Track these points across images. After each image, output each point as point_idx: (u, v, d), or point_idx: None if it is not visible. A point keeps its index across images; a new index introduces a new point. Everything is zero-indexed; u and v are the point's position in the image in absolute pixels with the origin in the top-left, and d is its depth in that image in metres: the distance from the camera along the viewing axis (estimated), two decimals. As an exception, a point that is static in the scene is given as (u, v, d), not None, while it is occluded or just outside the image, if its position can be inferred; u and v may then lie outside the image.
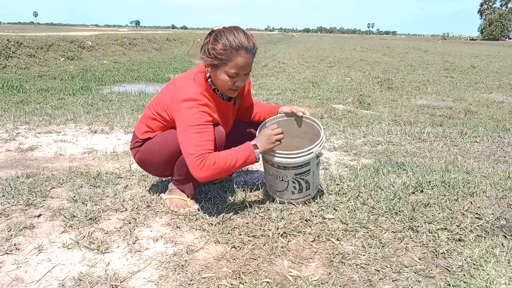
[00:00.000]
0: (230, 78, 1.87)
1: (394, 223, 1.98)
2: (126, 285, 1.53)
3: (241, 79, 1.90)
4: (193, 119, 1.82)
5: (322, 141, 2.05)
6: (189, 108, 1.82)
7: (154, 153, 2.05)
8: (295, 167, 2.02)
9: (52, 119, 4.18)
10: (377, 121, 4.64)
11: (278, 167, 2.04)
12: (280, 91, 6.87)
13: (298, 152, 1.99)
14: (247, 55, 1.84)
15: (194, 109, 1.82)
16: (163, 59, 13.21)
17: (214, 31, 1.88)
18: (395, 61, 13.80)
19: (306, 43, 23.58)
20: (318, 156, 2.06)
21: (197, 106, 1.83)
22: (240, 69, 1.85)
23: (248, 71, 1.90)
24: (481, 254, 1.71)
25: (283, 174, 2.05)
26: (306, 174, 2.06)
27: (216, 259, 1.70)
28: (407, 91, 7.32)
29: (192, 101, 1.83)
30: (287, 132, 2.22)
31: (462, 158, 3.17)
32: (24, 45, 9.92)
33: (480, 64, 13.68)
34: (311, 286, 1.52)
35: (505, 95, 7.35)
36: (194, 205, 2.13)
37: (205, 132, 1.83)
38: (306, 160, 2.01)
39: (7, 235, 1.83)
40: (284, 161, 2.00)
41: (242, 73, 1.88)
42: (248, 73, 1.92)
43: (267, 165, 2.11)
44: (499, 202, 2.21)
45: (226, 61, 1.83)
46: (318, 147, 2.02)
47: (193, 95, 1.84)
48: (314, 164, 2.07)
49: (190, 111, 1.82)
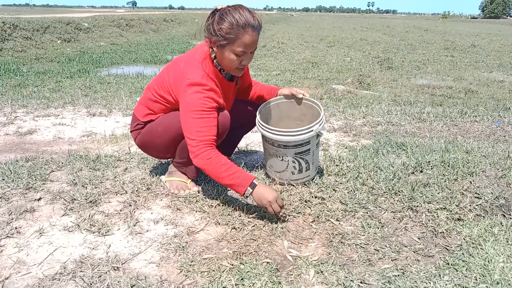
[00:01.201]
0: (237, 57, 1.85)
1: (394, 203, 1.99)
2: (127, 266, 1.54)
3: (247, 57, 1.88)
4: (197, 104, 1.80)
5: (322, 120, 2.05)
6: (195, 93, 1.81)
7: (157, 135, 2.03)
8: (295, 145, 2.02)
9: (50, 102, 4.16)
10: (377, 102, 4.62)
11: (278, 146, 2.04)
12: (279, 72, 6.82)
13: (298, 130, 1.99)
14: (254, 32, 1.81)
15: (199, 94, 1.81)
16: (161, 40, 13.08)
17: (219, 10, 1.84)
18: (395, 40, 13.67)
19: (306, 22, 23.31)
20: (318, 135, 2.05)
21: (203, 92, 1.81)
22: (247, 47, 1.82)
23: (254, 48, 1.88)
24: (480, 233, 1.72)
25: (283, 153, 2.05)
26: (306, 154, 2.06)
27: (216, 240, 1.71)
28: (407, 71, 7.27)
29: (198, 85, 1.81)
30: (287, 114, 2.23)
31: (462, 137, 3.16)
32: (20, 28, 9.79)
33: (481, 42, 13.56)
34: (311, 266, 1.53)
35: (506, 74, 7.30)
36: (194, 187, 2.14)
37: (208, 118, 1.82)
38: (307, 138, 2.01)
39: (8, 219, 1.83)
40: (285, 139, 1.99)
41: (249, 51, 1.85)
42: (253, 51, 1.90)
43: (267, 145, 2.11)
44: (498, 182, 2.21)
45: (234, 40, 1.80)
46: (318, 125, 2.02)
47: (199, 79, 1.82)
48: (314, 144, 2.07)
49: (195, 96, 1.81)
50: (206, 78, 1.85)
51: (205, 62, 1.90)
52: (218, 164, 1.78)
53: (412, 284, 1.42)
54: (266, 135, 2.05)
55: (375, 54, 9.57)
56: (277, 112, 2.24)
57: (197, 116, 1.80)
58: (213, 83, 1.88)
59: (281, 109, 2.25)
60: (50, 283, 1.44)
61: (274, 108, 2.24)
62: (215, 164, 1.78)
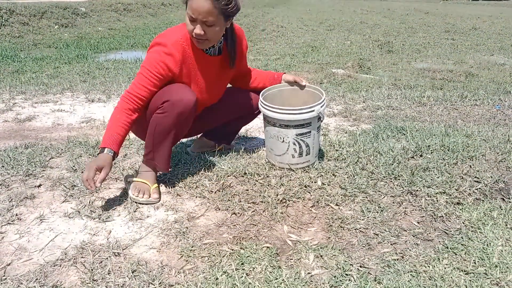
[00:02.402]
0: (189, 22, 1.75)
1: (393, 187, 1.99)
2: (128, 252, 1.55)
3: (198, 26, 1.73)
4: (148, 62, 1.80)
5: (323, 102, 2.06)
6: (152, 52, 1.81)
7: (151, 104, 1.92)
8: (296, 125, 2.03)
9: (48, 89, 4.14)
10: (377, 86, 4.60)
11: (280, 126, 2.04)
12: (278, 56, 6.77)
13: (300, 108, 2.00)
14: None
15: (154, 55, 1.80)
16: (159, 24, 12.95)
17: None
18: (395, 23, 13.54)
19: (305, 5, 23.05)
20: (320, 118, 2.06)
21: (159, 53, 1.79)
22: (194, 11, 1.69)
23: (205, 19, 1.70)
24: (479, 217, 1.73)
25: (284, 134, 2.06)
26: (307, 136, 2.07)
27: (216, 226, 1.72)
28: (407, 54, 7.22)
29: (159, 46, 1.80)
30: (289, 101, 2.23)
31: (462, 121, 3.15)
32: (16, 13, 9.68)
33: (482, 25, 13.43)
34: (311, 250, 1.54)
35: (507, 57, 7.25)
36: (155, 193, 1.92)
37: (146, 79, 1.80)
38: (308, 118, 2.01)
39: (8, 206, 1.84)
40: (286, 117, 2.00)
41: (197, 18, 1.70)
42: (209, 24, 1.72)
43: (269, 126, 2.11)
44: (498, 165, 2.21)
45: (187, 2, 1.73)
46: (320, 106, 2.02)
47: (166, 40, 1.80)
48: (315, 127, 2.08)
49: (151, 55, 1.81)
50: (174, 43, 1.80)
51: (184, 28, 1.84)
52: (114, 115, 1.81)
53: (411, 268, 1.43)
54: (268, 114, 2.04)
55: (375, 37, 9.49)
56: (280, 98, 2.25)
57: (141, 72, 1.81)
58: (180, 51, 1.82)
59: (284, 95, 2.26)
60: (51, 269, 1.45)
61: (277, 94, 2.25)
62: (114, 112, 1.82)
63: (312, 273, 1.43)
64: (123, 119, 1.79)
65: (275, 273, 1.41)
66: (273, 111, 2.02)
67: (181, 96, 1.80)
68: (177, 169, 2.19)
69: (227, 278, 1.38)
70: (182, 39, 1.83)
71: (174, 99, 1.79)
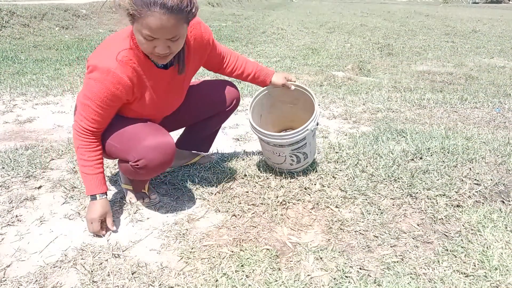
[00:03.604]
0: (145, 41, 1.42)
1: (393, 190, 1.99)
2: (128, 254, 1.55)
3: (162, 44, 1.43)
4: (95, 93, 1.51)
5: (316, 116, 1.98)
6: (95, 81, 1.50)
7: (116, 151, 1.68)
8: (291, 144, 1.99)
9: (49, 90, 4.14)
10: (377, 88, 4.60)
11: (274, 145, 2.02)
12: (279, 58, 6.77)
13: (293, 133, 1.94)
14: (164, 16, 1.35)
15: (99, 85, 1.50)
16: (160, 27, 12.96)
17: None
18: (395, 26, 13.55)
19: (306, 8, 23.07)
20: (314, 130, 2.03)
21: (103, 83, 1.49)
22: (154, 31, 1.38)
23: (171, 36, 1.42)
24: (479, 219, 1.73)
25: (279, 151, 2.04)
26: (303, 147, 2.03)
27: (216, 227, 1.72)
28: (407, 57, 7.23)
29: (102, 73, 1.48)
30: (279, 99, 2.16)
31: (462, 124, 3.15)
32: (17, 15, 9.70)
33: (482, 28, 13.44)
34: (311, 252, 1.54)
35: (507, 59, 7.26)
36: (152, 194, 1.91)
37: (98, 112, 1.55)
38: (302, 138, 1.97)
39: (9, 207, 1.84)
40: (279, 142, 1.97)
41: (161, 37, 1.41)
42: (175, 39, 1.44)
43: (263, 143, 2.09)
44: (498, 168, 2.21)
45: (137, 17, 1.37)
46: (313, 122, 1.97)
47: (107, 63, 1.48)
48: (310, 137, 2.04)
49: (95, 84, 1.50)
50: (120, 65, 1.49)
51: (125, 43, 1.52)
52: (80, 157, 1.60)
53: (411, 270, 1.43)
54: (261, 137, 2.01)
55: (375, 40, 9.50)
56: (269, 99, 2.15)
57: (86, 103, 1.54)
58: (130, 73, 1.52)
59: (273, 95, 2.14)
60: (51, 270, 1.45)
61: (265, 96, 2.12)
62: (78, 155, 1.60)
63: (312, 275, 1.43)
64: (92, 157, 1.61)
65: (275, 275, 1.41)
66: (265, 136, 1.97)
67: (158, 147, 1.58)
68: (177, 171, 2.19)
69: (227, 280, 1.38)
70: (128, 56, 1.51)
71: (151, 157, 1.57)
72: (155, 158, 1.58)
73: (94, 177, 1.62)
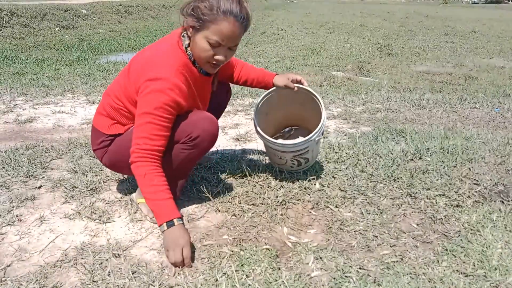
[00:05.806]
0: (210, 47, 1.53)
1: (393, 189, 2.00)
2: (128, 253, 1.55)
3: (223, 52, 1.55)
4: (156, 105, 1.51)
5: (323, 127, 1.95)
6: (157, 92, 1.51)
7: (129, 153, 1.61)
8: (293, 151, 1.99)
9: (49, 90, 4.15)
10: (377, 88, 4.60)
11: (276, 150, 2.01)
12: (279, 58, 6.78)
13: (296, 143, 1.94)
14: (236, 23, 1.50)
15: (161, 95, 1.51)
16: (160, 27, 12.97)
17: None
18: (395, 26, 13.56)
19: (306, 8, 23.10)
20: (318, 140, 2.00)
21: (166, 91, 1.52)
22: (224, 37, 1.50)
23: (234, 44, 1.56)
24: (479, 219, 1.73)
25: (281, 155, 2.03)
26: (305, 154, 2.02)
27: (216, 227, 1.72)
28: (407, 57, 7.23)
29: (162, 81, 1.52)
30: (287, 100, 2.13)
31: (462, 124, 3.16)
32: (17, 15, 9.70)
33: (482, 28, 13.45)
34: (310, 252, 1.55)
35: (506, 60, 7.26)
36: None
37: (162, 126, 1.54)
38: (305, 147, 1.97)
39: (9, 207, 1.84)
40: (281, 148, 1.97)
41: (226, 44, 1.54)
42: (233, 48, 1.58)
43: (265, 145, 2.10)
44: (497, 168, 2.22)
45: (209, 24, 1.49)
46: (319, 133, 1.95)
47: (165, 73, 1.53)
48: (314, 144, 2.00)
49: (156, 95, 1.52)
50: (174, 73, 1.55)
51: (175, 51, 1.60)
52: (148, 183, 1.53)
53: (410, 270, 1.43)
54: (264, 142, 2.01)
55: (375, 40, 9.51)
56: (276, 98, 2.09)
57: (149, 120, 1.52)
58: (182, 79, 1.58)
59: (280, 97, 2.09)
60: (51, 270, 1.45)
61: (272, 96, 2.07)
62: (146, 181, 1.53)
63: (312, 274, 1.43)
64: (162, 181, 1.55)
65: (275, 274, 1.42)
66: (268, 141, 1.96)
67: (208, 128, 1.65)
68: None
69: (227, 280, 1.39)
70: (180, 66, 1.59)
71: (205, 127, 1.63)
72: (207, 128, 1.64)
73: (168, 202, 1.54)
